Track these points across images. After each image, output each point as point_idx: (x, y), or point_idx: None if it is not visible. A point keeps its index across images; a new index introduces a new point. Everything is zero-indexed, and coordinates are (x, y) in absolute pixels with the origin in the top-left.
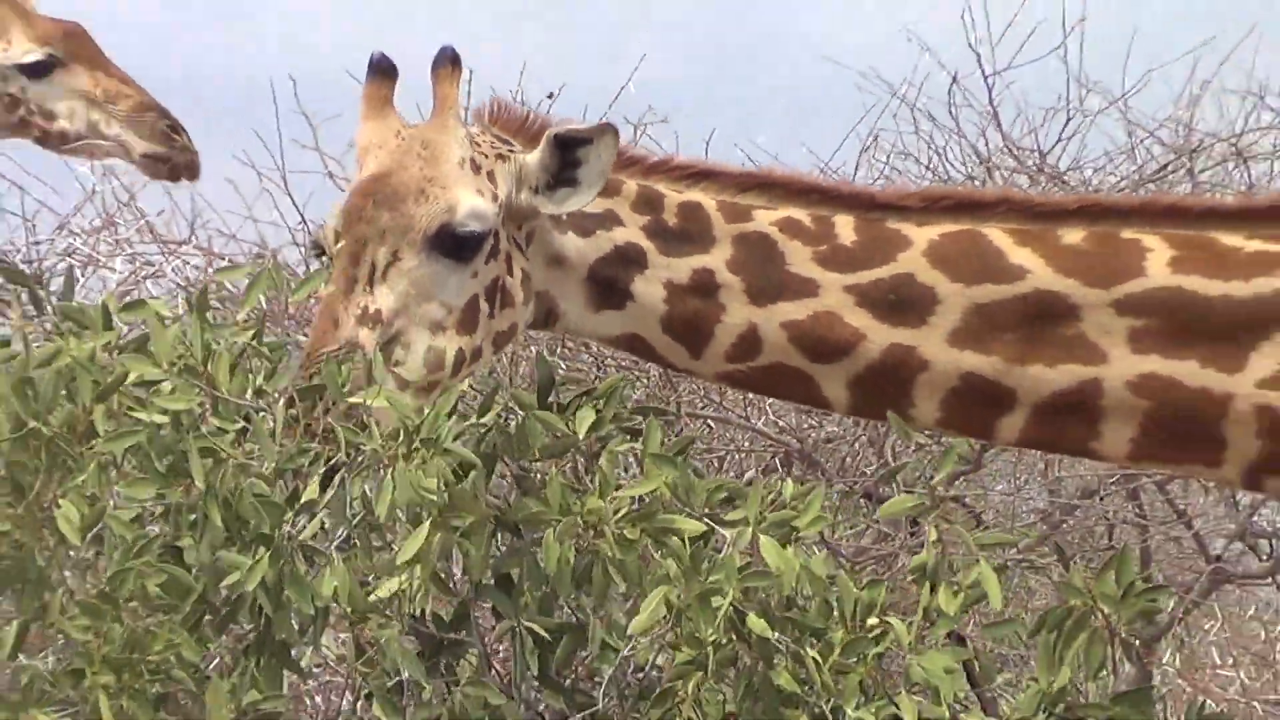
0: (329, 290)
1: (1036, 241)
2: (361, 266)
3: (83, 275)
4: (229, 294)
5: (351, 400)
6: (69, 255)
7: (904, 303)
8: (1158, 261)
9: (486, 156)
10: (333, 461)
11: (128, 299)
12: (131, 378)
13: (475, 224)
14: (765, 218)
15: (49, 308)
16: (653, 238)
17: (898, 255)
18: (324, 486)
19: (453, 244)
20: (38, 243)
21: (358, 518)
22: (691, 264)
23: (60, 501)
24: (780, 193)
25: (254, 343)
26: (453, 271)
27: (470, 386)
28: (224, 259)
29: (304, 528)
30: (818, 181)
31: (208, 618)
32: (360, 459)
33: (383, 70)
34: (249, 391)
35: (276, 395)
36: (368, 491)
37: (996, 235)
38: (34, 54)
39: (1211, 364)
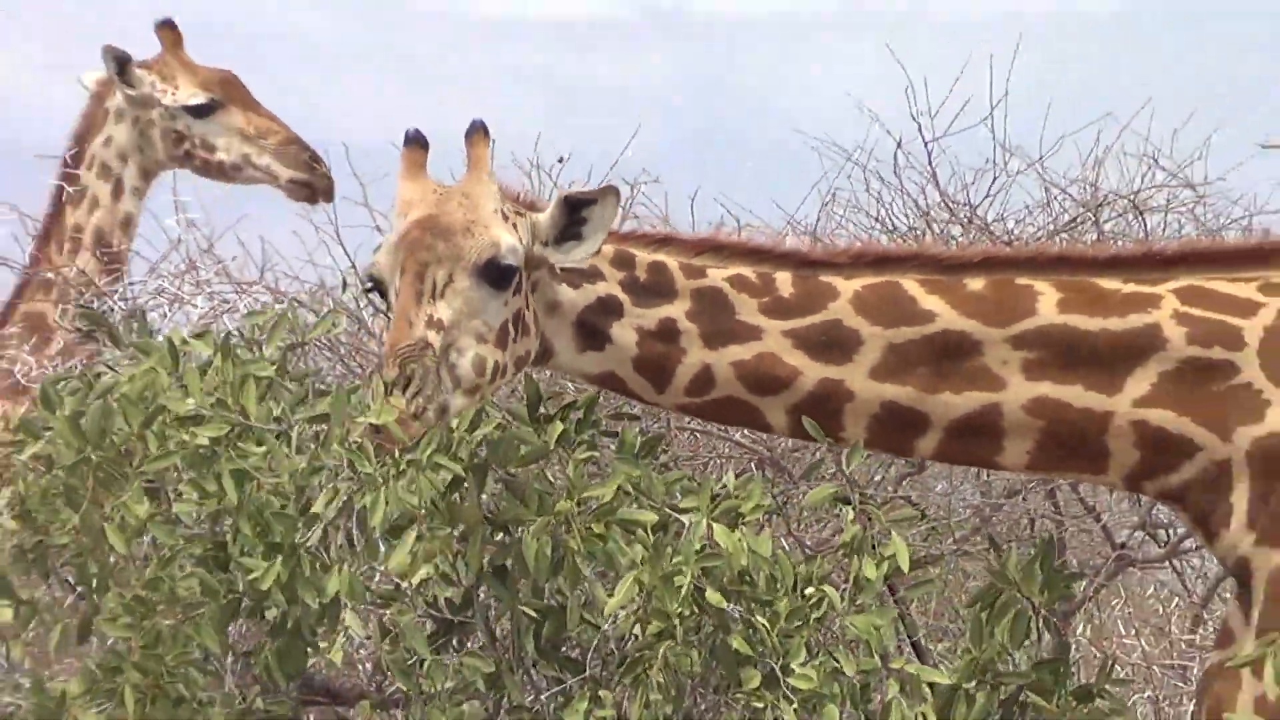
0: (399, 301)
1: (944, 290)
2: (425, 283)
3: (169, 311)
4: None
5: (360, 420)
6: (159, 294)
7: (833, 344)
8: (1047, 303)
9: (510, 212)
10: (342, 477)
11: (205, 329)
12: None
13: (513, 259)
14: (718, 275)
15: (124, 343)
16: (628, 291)
17: (828, 304)
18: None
19: (496, 274)
20: (132, 284)
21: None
22: (658, 314)
23: (110, 515)
24: (729, 254)
25: (278, 376)
26: (493, 297)
27: None
28: (287, 295)
29: (312, 536)
30: (760, 243)
31: (244, 604)
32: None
33: (417, 142)
34: (273, 417)
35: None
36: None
37: (910, 285)
38: (198, 97)
39: (1094, 387)
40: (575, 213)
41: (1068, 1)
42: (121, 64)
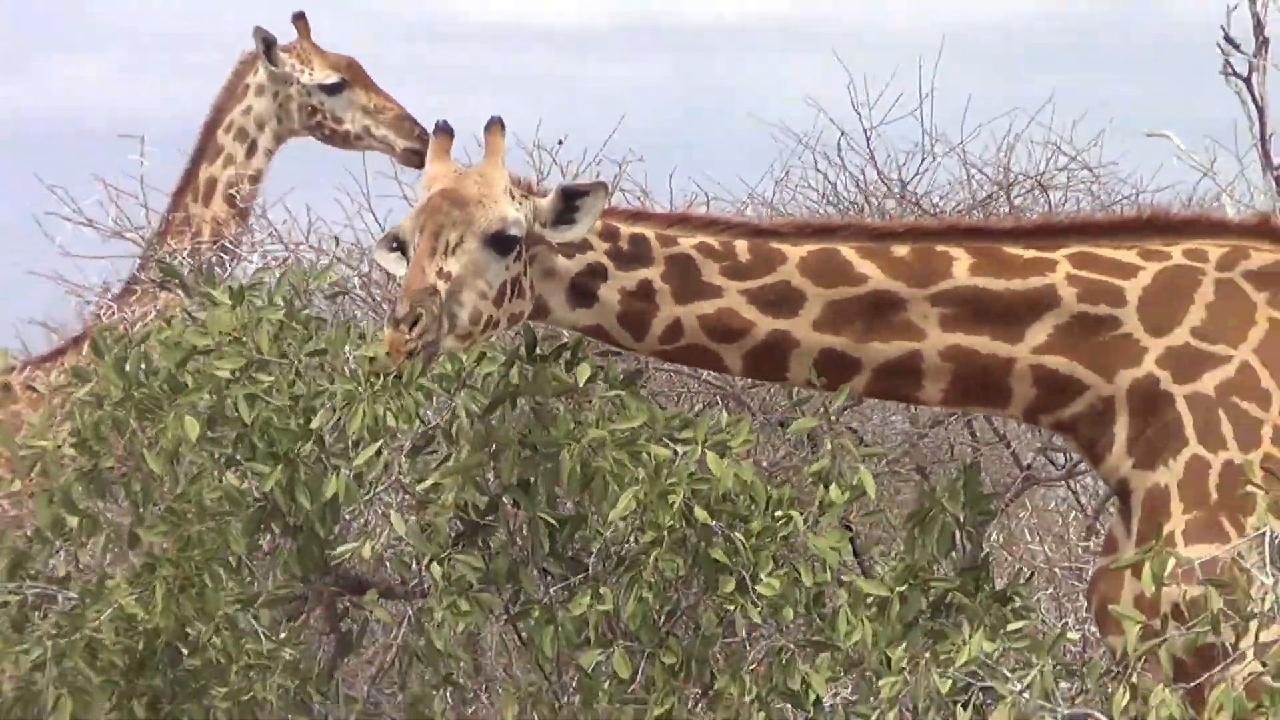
0: (416, 254)
1: (875, 255)
2: (440, 242)
3: (230, 266)
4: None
5: (361, 354)
6: (222, 251)
7: (782, 301)
8: (961, 267)
9: (517, 194)
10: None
11: (257, 281)
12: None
13: (516, 231)
14: (687, 243)
15: (194, 292)
16: (612, 259)
17: (778, 268)
18: None
19: (501, 242)
20: (200, 243)
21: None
22: (638, 276)
23: (149, 441)
24: (695, 225)
25: (287, 319)
26: (495, 261)
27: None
28: (329, 254)
29: (306, 446)
30: (721, 216)
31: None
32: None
33: (445, 131)
34: (280, 352)
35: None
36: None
37: (846, 251)
38: (331, 77)
39: (1000, 337)
40: (570, 201)
41: (987, 15)
42: (268, 45)
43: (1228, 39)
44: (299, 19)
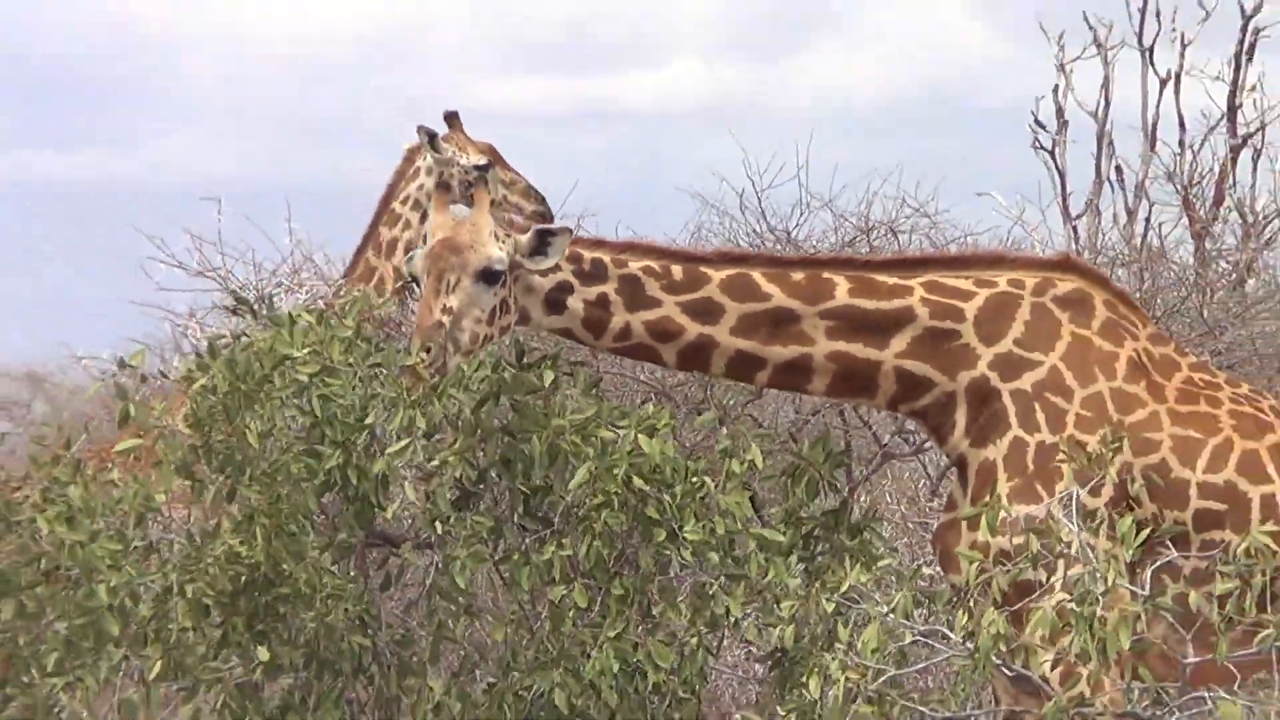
0: (425, 292)
1: (777, 279)
2: (442, 283)
3: (284, 297)
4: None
5: (405, 363)
6: (278, 286)
7: (707, 312)
8: (842, 290)
9: (501, 235)
10: (386, 400)
11: (309, 309)
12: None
13: (500, 266)
14: (635, 265)
15: (260, 316)
16: (577, 277)
17: (704, 286)
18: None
19: (489, 276)
20: (263, 279)
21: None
22: (596, 291)
23: (249, 423)
24: (640, 253)
25: (354, 336)
26: (486, 291)
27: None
28: (360, 290)
29: (361, 438)
30: (661, 246)
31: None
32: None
33: (445, 188)
34: (348, 363)
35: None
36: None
37: (756, 275)
38: (481, 160)
39: (870, 345)
40: (544, 239)
41: (844, 99)
42: (431, 137)
43: (1037, 121)
44: (453, 116)
